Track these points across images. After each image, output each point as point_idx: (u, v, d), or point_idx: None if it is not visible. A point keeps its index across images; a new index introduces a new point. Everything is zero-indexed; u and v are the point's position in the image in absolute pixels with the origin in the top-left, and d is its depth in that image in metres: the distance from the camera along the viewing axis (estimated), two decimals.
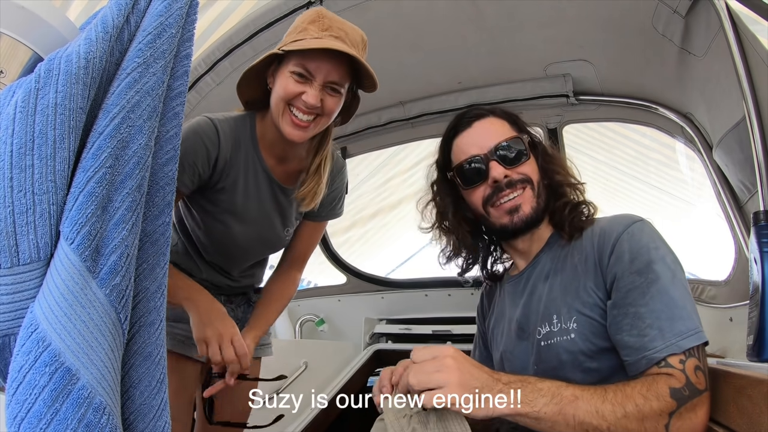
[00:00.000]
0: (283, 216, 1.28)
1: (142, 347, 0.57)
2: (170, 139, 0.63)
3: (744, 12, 1.05)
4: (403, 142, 2.37)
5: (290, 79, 1.04)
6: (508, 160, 0.96)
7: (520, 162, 0.97)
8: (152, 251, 0.60)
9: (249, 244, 1.28)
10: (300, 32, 1.05)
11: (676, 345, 0.75)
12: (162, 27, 0.61)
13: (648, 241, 0.84)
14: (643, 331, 0.77)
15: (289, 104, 1.06)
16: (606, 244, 0.87)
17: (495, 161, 0.96)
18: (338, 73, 1.05)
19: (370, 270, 2.59)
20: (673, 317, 0.77)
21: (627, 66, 1.62)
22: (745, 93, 0.99)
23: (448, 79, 1.92)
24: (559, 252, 0.97)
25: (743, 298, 1.19)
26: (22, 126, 0.51)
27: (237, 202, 1.19)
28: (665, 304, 0.78)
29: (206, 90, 1.84)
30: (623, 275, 0.83)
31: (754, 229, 0.86)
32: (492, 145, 0.97)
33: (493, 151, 0.96)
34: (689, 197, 3.33)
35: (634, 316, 0.79)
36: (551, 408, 0.71)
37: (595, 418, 0.70)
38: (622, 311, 0.81)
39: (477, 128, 1.01)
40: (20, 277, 0.51)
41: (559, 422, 0.71)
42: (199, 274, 1.35)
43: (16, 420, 0.45)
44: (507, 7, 1.48)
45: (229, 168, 1.16)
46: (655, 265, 0.81)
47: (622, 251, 0.84)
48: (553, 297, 0.92)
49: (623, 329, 0.80)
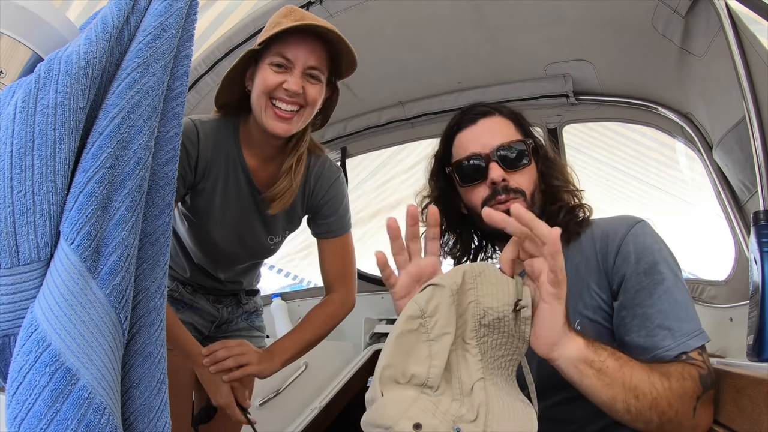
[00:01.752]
0: (265, 223, 1.26)
1: (142, 347, 0.57)
2: (170, 139, 0.63)
3: (744, 12, 1.05)
4: (403, 142, 2.37)
5: (269, 70, 1.04)
6: (509, 162, 0.94)
7: (520, 167, 0.94)
8: (152, 251, 0.60)
9: (230, 248, 1.27)
10: (274, 27, 1.05)
11: (686, 344, 0.76)
12: (162, 27, 0.61)
13: (652, 242, 0.84)
14: (652, 332, 0.78)
15: (271, 97, 1.05)
16: (610, 245, 0.87)
17: (495, 162, 0.94)
18: (316, 57, 1.05)
19: (370, 270, 2.58)
20: (680, 318, 0.78)
21: (627, 66, 1.62)
22: (745, 93, 0.99)
23: (448, 79, 1.92)
24: None
25: (743, 298, 1.19)
26: (22, 126, 0.51)
27: (216, 203, 1.18)
28: (671, 305, 0.79)
29: (206, 90, 1.84)
30: (630, 276, 0.83)
31: (754, 229, 0.86)
32: (495, 144, 0.94)
33: (495, 152, 0.94)
34: (689, 197, 3.33)
35: (642, 317, 0.80)
36: (613, 363, 0.69)
37: (647, 384, 0.69)
38: (630, 312, 0.81)
39: (482, 126, 0.98)
40: (20, 277, 0.51)
41: (617, 380, 0.68)
42: (184, 274, 1.35)
43: (16, 420, 0.45)
44: (507, 7, 1.48)
45: (209, 170, 1.15)
46: (660, 266, 0.81)
47: (628, 252, 0.84)
48: None
49: (632, 330, 0.80)
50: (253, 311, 1.52)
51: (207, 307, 1.40)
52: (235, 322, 1.47)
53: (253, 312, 1.52)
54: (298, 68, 1.04)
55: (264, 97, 1.05)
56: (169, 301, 1.33)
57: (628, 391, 0.68)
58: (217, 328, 1.45)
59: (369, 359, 2.22)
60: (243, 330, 1.49)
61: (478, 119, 0.99)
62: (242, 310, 1.48)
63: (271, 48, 1.04)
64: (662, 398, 0.69)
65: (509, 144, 0.95)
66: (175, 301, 1.35)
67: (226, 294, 1.43)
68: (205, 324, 1.41)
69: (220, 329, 1.45)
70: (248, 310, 1.50)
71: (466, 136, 0.99)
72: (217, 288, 1.39)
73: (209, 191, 1.17)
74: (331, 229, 1.29)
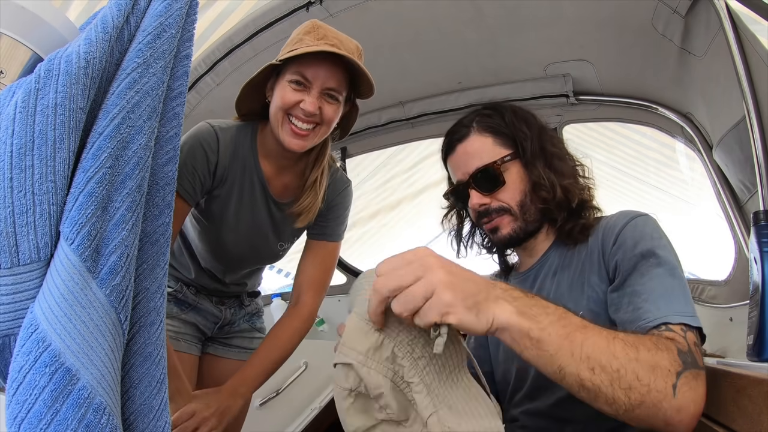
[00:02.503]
0: (276, 230, 1.27)
1: (142, 347, 0.57)
2: (170, 139, 0.63)
3: (744, 12, 1.05)
4: (403, 142, 2.37)
5: (288, 88, 1.05)
6: (486, 186, 0.96)
7: (497, 189, 0.96)
8: (152, 251, 0.60)
9: (242, 254, 1.28)
10: (296, 43, 1.05)
11: (671, 316, 0.70)
12: (162, 27, 0.61)
13: (651, 231, 0.84)
14: (638, 305, 0.74)
15: (288, 113, 1.06)
16: (610, 236, 0.88)
17: (473, 189, 0.97)
18: (335, 80, 1.05)
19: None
20: (671, 298, 0.73)
21: (627, 66, 1.62)
22: (745, 93, 0.99)
23: (448, 79, 1.92)
24: (566, 249, 0.97)
25: (743, 298, 1.19)
26: (22, 126, 0.51)
27: (230, 210, 1.19)
28: (665, 288, 0.75)
29: (206, 90, 1.84)
30: (624, 260, 0.82)
31: (754, 229, 0.86)
32: (470, 171, 0.97)
33: (471, 179, 0.97)
34: (689, 197, 3.33)
35: (632, 294, 0.77)
36: (557, 330, 0.58)
37: (605, 354, 0.58)
38: (620, 293, 0.80)
39: (459, 153, 1.00)
40: (20, 277, 0.50)
41: (564, 349, 0.58)
42: (188, 275, 1.35)
43: (16, 420, 0.45)
44: (507, 7, 1.48)
45: (226, 176, 1.16)
46: (657, 251, 0.79)
47: (624, 239, 0.84)
48: (560, 293, 0.93)
49: (621, 308, 0.78)
50: (254, 312, 1.53)
51: (210, 308, 1.40)
52: (237, 323, 1.48)
53: (255, 313, 1.53)
54: (317, 88, 1.04)
55: (281, 112, 1.06)
56: (174, 301, 1.33)
57: (579, 362, 0.58)
58: (219, 329, 1.45)
59: None
60: (245, 331, 1.49)
61: (456, 145, 1.01)
62: (244, 311, 1.49)
63: (291, 64, 1.04)
64: (627, 370, 0.58)
65: (484, 168, 0.96)
66: (179, 302, 1.35)
67: (229, 296, 1.44)
68: (208, 325, 1.42)
69: (222, 330, 1.46)
70: (250, 311, 1.51)
71: (451, 164, 1.04)
72: (220, 290, 1.40)
73: (224, 197, 1.18)
74: (325, 232, 1.30)
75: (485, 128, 1.00)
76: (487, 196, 0.96)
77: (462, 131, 1.01)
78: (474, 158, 0.97)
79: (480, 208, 0.97)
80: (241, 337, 1.48)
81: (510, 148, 0.98)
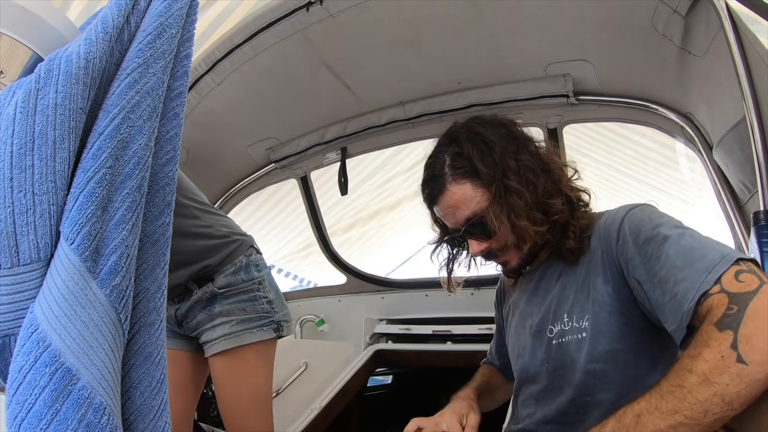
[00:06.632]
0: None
1: (142, 347, 0.57)
2: (170, 139, 0.63)
3: (744, 12, 1.05)
4: (403, 142, 2.36)
5: None
6: (481, 235, 0.94)
7: (492, 236, 0.94)
8: (152, 251, 0.60)
9: None
10: None
11: (702, 284, 0.68)
12: (162, 27, 0.61)
13: (646, 216, 0.84)
14: (673, 292, 0.72)
15: None
16: (611, 234, 0.87)
17: (471, 239, 0.96)
18: None
19: (370, 270, 2.58)
20: (692, 261, 0.72)
21: (627, 66, 1.61)
22: (745, 93, 0.99)
23: (448, 79, 1.91)
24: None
25: None
26: (22, 126, 0.51)
27: None
28: (680, 255, 0.73)
29: (206, 90, 1.83)
30: (634, 255, 0.81)
31: (754, 229, 0.86)
32: (462, 221, 0.95)
33: (466, 230, 0.95)
34: (689, 197, 3.33)
35: (660, 282, 0.75)
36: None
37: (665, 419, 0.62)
38: (649, 285, 0.78)
39: (443, 205, 0.97)
40: (20, 277, 0.51)
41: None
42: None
43: (16, 420, 0.45)
44: (507, 7, 1.48)
45: None
46: (658, 229, 0.79)
47: (625, 234, 0.84)
48: (565, 296, 0.92)
49: (659, 302, 0.75)
50: (209, 298, 1.33)
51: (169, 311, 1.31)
52: (191, 316, 1.35)
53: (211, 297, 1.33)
54: None
55: None
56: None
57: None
58: (181, 327, 1.37)
59: (369, 359, 2.22)
60: (204, 322, 1.33)
61: (438, 198, 0.97)
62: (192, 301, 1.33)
63: None
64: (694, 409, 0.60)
65: (473, 218, 0.93)
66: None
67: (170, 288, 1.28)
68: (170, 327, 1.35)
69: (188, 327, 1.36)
70: (202, 297, 1.33)
71: (441, 214, 1.00)
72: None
73: None
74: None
75: (460, 176, 0.94)
76: (486, 242, 0.95)
77: (438, 183, 0.96)
78: (460, 209, 0.94)
79: (483, 253, 0.97)
80: (202, 332, 1.34)
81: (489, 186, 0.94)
